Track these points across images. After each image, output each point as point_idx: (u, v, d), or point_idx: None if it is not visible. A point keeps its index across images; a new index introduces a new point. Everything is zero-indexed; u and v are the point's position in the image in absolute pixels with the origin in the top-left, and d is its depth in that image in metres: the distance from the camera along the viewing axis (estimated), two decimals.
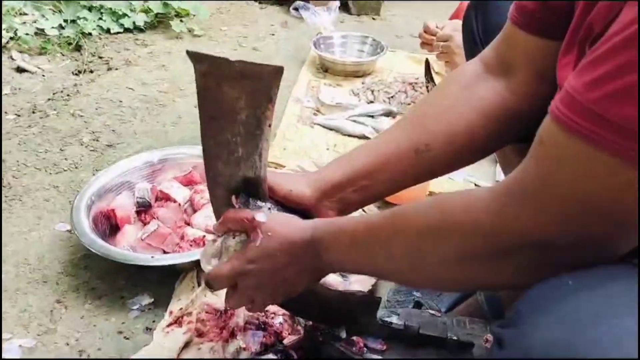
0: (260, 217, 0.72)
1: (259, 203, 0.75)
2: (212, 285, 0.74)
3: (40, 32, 2.03)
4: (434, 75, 1.71)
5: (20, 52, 1.92)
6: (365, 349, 0.86)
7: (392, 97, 1.78)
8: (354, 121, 1.63)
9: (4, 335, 0.98)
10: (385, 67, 1.98)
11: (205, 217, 1.14)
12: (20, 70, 1.84)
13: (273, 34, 2.27)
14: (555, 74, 0.62)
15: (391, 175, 0.78)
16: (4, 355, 0.94)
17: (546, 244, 0.51)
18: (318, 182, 0.79)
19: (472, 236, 0.56)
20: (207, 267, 0.75)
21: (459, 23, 1.57)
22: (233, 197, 0.75)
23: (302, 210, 0.78)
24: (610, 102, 0.44)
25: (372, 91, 1.81)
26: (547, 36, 0.69)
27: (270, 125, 0.71)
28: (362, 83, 1.88)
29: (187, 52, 0.68)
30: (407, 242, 0.62)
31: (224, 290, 1.02)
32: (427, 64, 1.72)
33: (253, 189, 0.76)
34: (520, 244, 0.52)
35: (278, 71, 0.67)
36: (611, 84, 0.45)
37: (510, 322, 0.50)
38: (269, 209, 0.76)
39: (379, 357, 0.85)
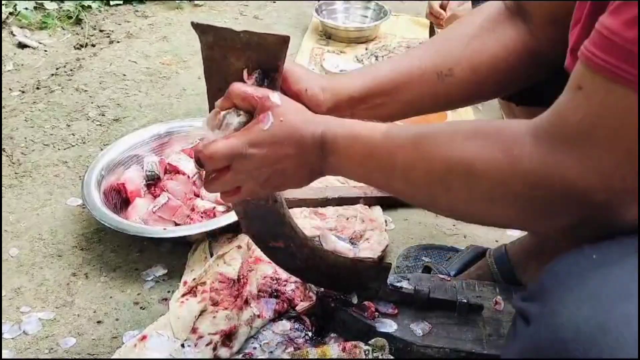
0: (275, 98, 0.65)
1: (271, 86, 0.68)
2: (202, 165, 0.65)
3: (39, 7, 2.01)
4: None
5: (21, 27, 1.90)
6: (376, 313, 0.88)
7: None
8: None
9: (23, 309, 1.00)
10: (389, 32, 1.96)
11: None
12: (22, 45, 1.83)
13: (274, 2, 2.23)
14: (569, 24, 0.61)
15: (409, 97, 0.75)
16: (24, 328, 0.97)
17: (587, 198, 0.50)
18: (335, 90, 0.73)
19: (510, 180, 0.53)
20: (211, 136, 0.66)
21: None
22: (245, 71, 0.67)
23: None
24: None
25: (376, 57, 1.80)
26: None
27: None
28: (366, 49, 1.86)
29: (192, 23, 0.68)
30: (432, 172, 0.59)
31: (235, 259, 1.04)
32: (432, 27, 1.70)
33: (268, 66, 0.69)
34: (561, 195, 0.51)
35: (284, 40, 0.66)
36: None
37: (535, 296, 0.49)
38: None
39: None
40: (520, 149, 0.53)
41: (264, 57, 0.67)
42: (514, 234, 1.09)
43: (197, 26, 0.67)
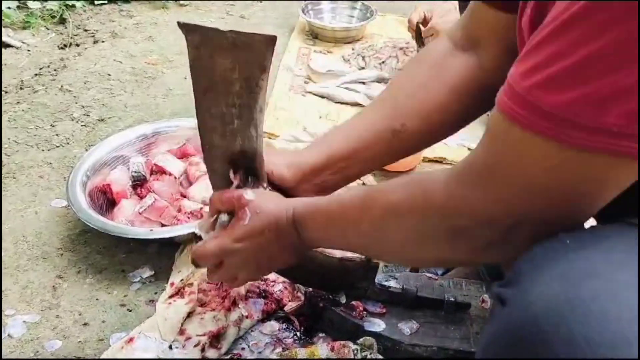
0: (249, 195, 0.73)
1: (255, 183, 0.76)
2: (197, 264, 0.76)
3: (22, 6, 1.98)
4: (424, 40, 1.70)
5: (4, 27, 1.88)
6: (365, 312, 0.89)
7: (383, 62, 1.76)
8: (346, 88, 1.62)
9: (7, 312, 0.99)
10: (376, 32, 1.96)
11: (202, 189, 1.14)
12: (4, 45, 1.80)
13: (261, 1, 2.23)
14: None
15: (369, 156, 0.81)
16: (9, 331, 0.95)
17: (495, 224, 0.55)
18: (297, 165, 0.81)
19: (428, 217, 0.60)
20: (204, 237, 0.77)
21: (444, 8, 1.56)
22: (231, 173, 0.75)
23: (283, 190, 0.81)
24: (540, 90, 0.47)
25: (363, 57, 1.80)
26: (513, 11, 0.69)
27: (264, 96, 0.71)
28: (353, 49, 1.86)
29: (179, 23, 0.67)
30: (373, 221, 0.66)
31: None
32: (418, 28, 1.71)
33: (250, 161, 0.76)
34: (471, 224, 0.56)
35: (271, 40, 0.66)
36: (541, 73, 0.47)
37: (510, 281, 0.51)
38: (265, 188, 0.77)
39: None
40: (434, 188, 0.59)
41: (250, 57, 0.67)
42: None
43: (183, 26, 0.67)
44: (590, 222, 0.59)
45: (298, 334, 0.93)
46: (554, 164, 0.49)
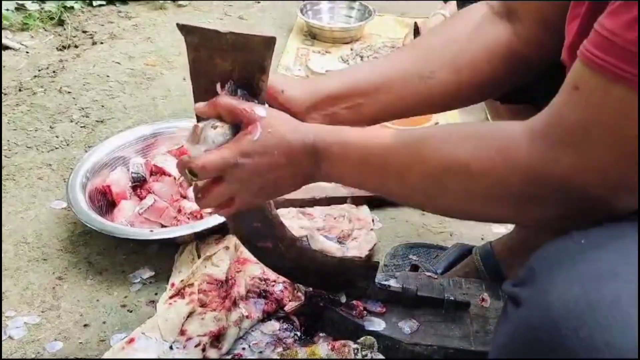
0: (260, 110, 0.66)
1: (245, 97, 0.68)
2: (196, 174, 0.65)
3: (21, 8, 1.98)
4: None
5: (2, 28, 1.88)
6: (365, 312, 0.89)
7: None
8: None
9: (8, 313, 0.99)
10: (374, 32, 1.97)
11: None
12: (3, 47, 1.80)
13: (259, 2, 2.23)
14: (560, 24, 0.61)
15: (390, 97, 0.74)
16: (10, 333, 0.96)
17: (584, 193, 0.51)
18: (313, 89, 0.73)
19: (508, 178, 0.54)
20: (194, 151, 0.66)
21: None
22: (218, 85, 0.68)
23: (288, 114, 0.71)
24: None
25: (362, 57, 1.80)
26: None
27: (264, 97, 0.71)
28: (351, 49, 1.86)
29: (178, 24, 0.68)
30: (428, 174, 0.60)
31: (223, 260, 1.04)
32: (416, 27, 1.71)
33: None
34: (556, 190, 0.52)
35: (270, 41, 0.66)
36: None
37: (525, 280, 0.50)
38: (260, 103, 0.69)
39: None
40: (516, 148, 0.53)
41: (250, 58, 0.67)
42: (500, 231, 1.11)
43: (182, 27, 0.67)
44: None
45: (298, 333, 0.93)
46: None
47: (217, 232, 1.10)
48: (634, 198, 0.51)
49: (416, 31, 1.69)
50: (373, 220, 1.19)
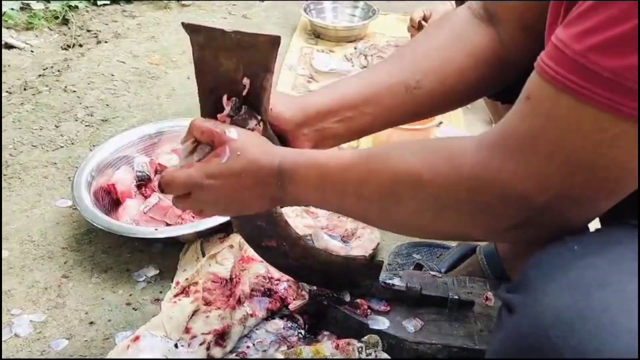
0: (231, 133, 0.67)
1: (248, 114, 0.70)
2: (163, 189, 0.68)
3: (25, 7, 1.99)
4: None
5: (7, 28, 1.88)
6: (369, 310, 0.89)
7: None
8: None
9: (13, 311, 0.99)
10: (378, 31, 1.97)
11: None
12: (8, 46, 1.81)
13: (262, 1, 2.23)
14: (541, 28, 0.61)
15: (378, 109, 0.75)
16: (15, 330, 0.96)
17: (527, 202, 0.51)
18: (302, 106, 0.74)
19: (454, 187, 0.55)
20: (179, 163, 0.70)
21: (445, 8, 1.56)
22: (225, 97, 0.69)
23: (278, 133, 0.74)
24: (599, 53, 0.44)
25: (366, 56, 1.80)
26: None
27: (269, 96, 0.71)
28: (355, 48, 1.86)
29: (183, 24, 0.68)
30: (382, 186, 0.61)
31: (227, 259, 1.04)
32: (420, 27, 1.71)
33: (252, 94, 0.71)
34: (500, 200, 0.52)
35: (275, 41, 0.66)
36: (601, 35, 0.44)
37: (518, 287, 0.50)
38: (259, 123, 0.70)
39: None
40: (463, 157, 0.55)
41: (255, 57, 0.67)
42: None
43: (187, 26, 0.68)
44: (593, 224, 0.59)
45: (302, 332, 0.93)
46: (605, 137, 0.45)
47: (222, 231, 1.10)
48: (585, 210, 0.51)
49: (420, 26, 1.69)
50: None
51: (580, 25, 0.46)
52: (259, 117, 0.70)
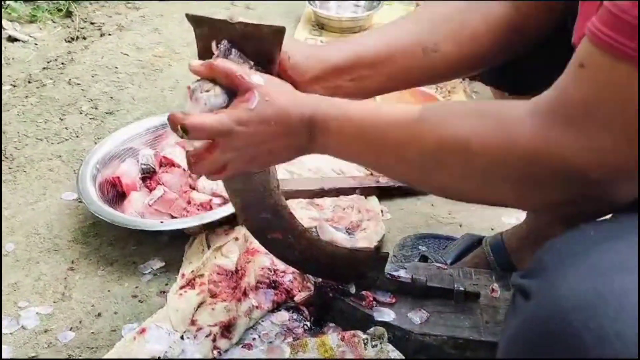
0: (257, 78, 0.65)
1: (240, 57, 0.67)
2: (188, 132, 0.63)
3: (29, 0, 1.99)
4: None
5: (11, 21, 1.88)
6: (374, 302, 0.89)
7: None
8: None
9: (20, 304, 1.00)
10: (382, 21, 1.95)
11: (211, 180, 1.15)
12: (11, 39, 1.81)
13: None
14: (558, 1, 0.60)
15: (394, 70, 0.74)
16: (22, 323, 0.97)
17: (583, 175, 0.50)
18: (319, 59, 0.72)
19: (508, 157, 0.53)
20: (186, 106, 0.66)
21: None
22: (213, 43, 0.66)
23: (291, 83, 0.70)
24: None
25: None
26: None
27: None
28: None
29: (187, 15, 0.67)
30: (425, 150, 0.59)
31: (232, 250, 1.04)
32: None
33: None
34: (556, 171, 0.51)
35: (280, 31, 0.66)
36: None
37: (534, 272, 0.50)
38: (252, 67, 0.67)
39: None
40: (518, 126, 0.53)
41: (259, 48, 0.67)
42: (510, 222, 1.10)
43: (191, 18, 0.67)
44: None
45: (308, 323, 0.94)
46: None
47: (227, 223, 1.10)
48: (633, 186, 0.50)
49: None
50: (382, 211, 1.19)
51: None
52: (251, 62, 0.67)
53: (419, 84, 0.79)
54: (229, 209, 1.06)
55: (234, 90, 0.65)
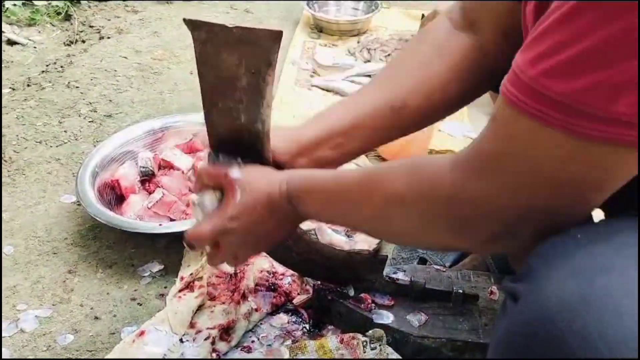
0: (234, 173, 0.72)
1: (226, 160, 0.75)
2: (192, 246, 0.75)
3: (28, 3, 1.99)
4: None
5: (9, 24, 1.88)
6: (373, 305, 0.89)
7: (388, 55, 1.76)
8: (352, 82, 1.62)
9: (19, 307, 1.00)
10: (381, 24, 1.96)
11: None
12: (10, 42, 1.81)
13: None
14: (520, 33, 0.62)
15: (367, 132, 0.79)
16: (21, 326, 0.97)
17: (500, 215, 0.55)
18: (295, 138, 0.79)
19: (433, 207, 0.59)
20: (196, 219, 0.77)
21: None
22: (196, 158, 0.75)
23: (276, 164, 0.78)
24: (547, 79, 0.47)
25: (369, 50, 1.80)
26: None
27: (271, 91, 0.71)
28: (358, 42, 1.85)
29: (185, 20, 0.68)
30: (375, 207, 0.65)
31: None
32: (424, 20, 1.70)
33: (256, 156, 0.76)
34: (476, 215, 0.56)
35: (277, 35, 0.66)
36: (548, 61, 0.46)
37: (523, 276, 0.51)
38: (240, 164, 0.74)
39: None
40: (440, 177, 0.58)
41: (257, 52, 0.67)
42: None
43: (189, 22, 0.67)
44: (597, 215, 0.59)
45: (307, 326, 0.94)
46: (562, 154, 0.49)
47: None
48: (559, 219, 0.53)
49: (424, 25, 1.68)
50: None
51: (533, 50, 0.48)
52: (239, 160, 0.74)
53: (395, 138, 0.83)
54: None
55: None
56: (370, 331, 0.86)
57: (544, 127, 0.48)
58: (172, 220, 1.12)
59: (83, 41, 1.85)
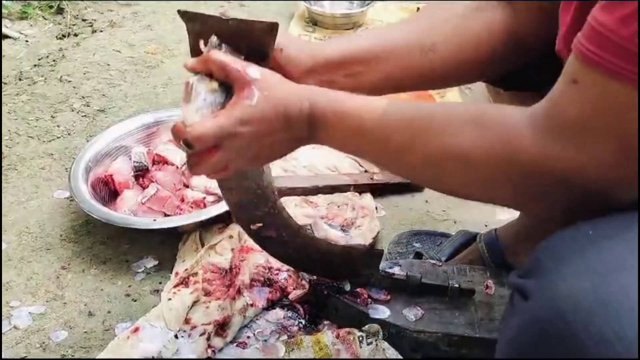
0: (253, 72, 0.62)
1: (230, 52, 0.65)
2: (192, 145, 0.61)
3: None
4: None
5: (1, 17, 1.86)
6: (369, 300, 0.89)
7: None
8: None
9: (12, 303, 0.99)
10: (376, 18, 1.95)
11: (204, 178, 1.14)
12: (2, 36, 1.79)
13: None
14: (556, 9, 0.61)
15: (389, 68, 0.72)
16: (14, 322, 0.96)
17: (584, 187, 0.51)
18: (312, 53, 0.71)
19: (509, 170, 0.54)
20: (187, 112, 0.62)
21: None
22: (201, 41, 0.65)
23: (285, 75, 0.67)
24: None
25: None
26: None
27: None
28: None
29: (179, 11, 0.67)
30: (428, 157, 0.59)
31: (227, 249, 1.04)
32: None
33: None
34: (557, 185, 0.52)
35: (273, 27, 0.65)
36: None
37: (532, 272, 0.50)
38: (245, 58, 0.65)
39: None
40: (519, 140, 0.53)
41: (252, 44, 0.66)
42: (504, 218, 1.10)
43: (184, 14, 0.67)
44: None
45: (303, 321, 0.93)
46: None
47: (221, 221, 1.10)
48: (633, 191, 0.51)
49: None
50: (377, 208, 1.19)
51: (623, 9, 0.45)
52: (242, 57, 0.65)
53: (415, 86, 0.77)
54: (222, 207, 1.05)
55: (230, 85, 0.63)
56: (366, 326, 0.86)
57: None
58: (166, 215, 1.12)
59: (76, 35, 1.83)
